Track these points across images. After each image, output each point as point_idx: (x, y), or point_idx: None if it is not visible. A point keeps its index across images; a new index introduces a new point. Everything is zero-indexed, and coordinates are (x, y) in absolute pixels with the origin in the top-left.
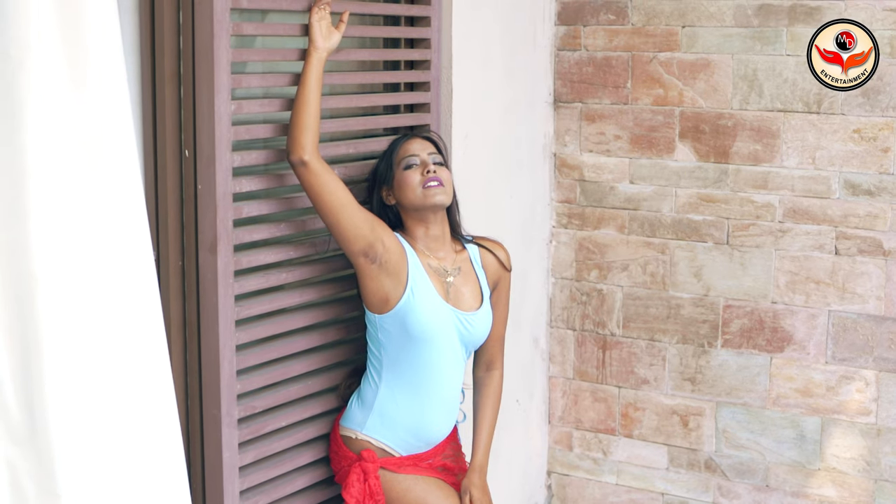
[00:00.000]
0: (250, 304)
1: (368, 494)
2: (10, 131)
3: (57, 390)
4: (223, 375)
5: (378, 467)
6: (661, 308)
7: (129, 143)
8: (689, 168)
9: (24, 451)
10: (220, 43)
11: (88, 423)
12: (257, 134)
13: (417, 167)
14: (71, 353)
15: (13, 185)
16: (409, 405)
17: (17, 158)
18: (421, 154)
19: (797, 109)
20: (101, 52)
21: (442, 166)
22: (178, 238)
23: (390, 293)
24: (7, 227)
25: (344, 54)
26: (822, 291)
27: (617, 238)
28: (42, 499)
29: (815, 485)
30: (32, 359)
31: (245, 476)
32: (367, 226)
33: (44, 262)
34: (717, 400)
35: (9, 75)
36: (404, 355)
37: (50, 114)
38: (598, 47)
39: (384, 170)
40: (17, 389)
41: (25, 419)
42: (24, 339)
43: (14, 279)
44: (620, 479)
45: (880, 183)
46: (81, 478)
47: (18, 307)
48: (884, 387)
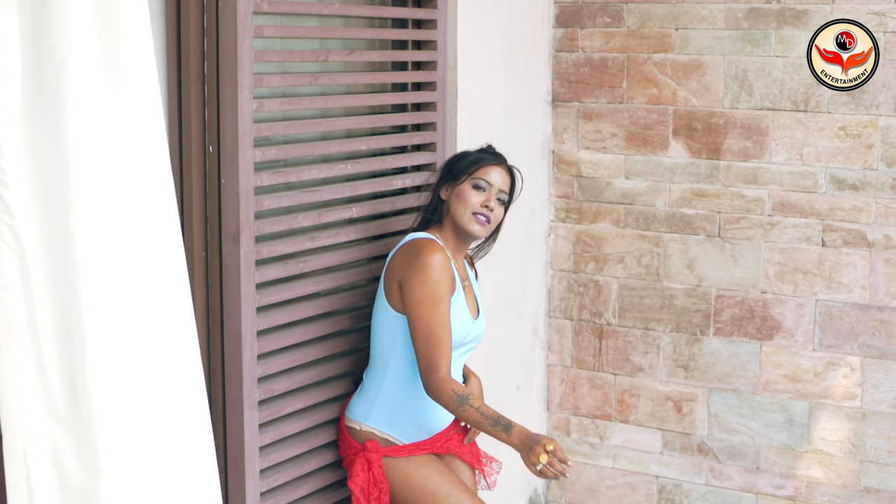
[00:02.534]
0: (270, 293)
1: (373, 483)
2: (54, 127)
3: (98, 373)
4: (245, 360)
5: (381, 456)
6: (655, 298)
7: (161, 139)
8: (682, 164)
9: (67, 430)
10: (243, 45)
11: (127, 404)
12: (277, 131)
13: (482, 193)
14: (111, 338)
15: (58, 179)
16: (413, 399)
17: (61, 154)
18: (493, 186)
19: (785, 108)
20: (134, 54)
21: (501, 204)
22: (202, 229)
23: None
24: (53, 218)
25: (356, 55)
26: (809, 281)
27: (613, 231)
28: (84, 474)
29: (803, 466)
30: (75, 344)
31: (265, 455)
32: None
33: (86, 251)
34: (709, 386)
35: (53, 74)
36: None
37: (89, 111)
38: (594, 49)
39: (458, 171)
40: (60, 372)
41: (68, 400)
42: (67, 324)
43: (59, 268)
44: (617, 462)
45: (864, 178)
46: (121, 454)
47: (62, 294)
48: (868, 372)
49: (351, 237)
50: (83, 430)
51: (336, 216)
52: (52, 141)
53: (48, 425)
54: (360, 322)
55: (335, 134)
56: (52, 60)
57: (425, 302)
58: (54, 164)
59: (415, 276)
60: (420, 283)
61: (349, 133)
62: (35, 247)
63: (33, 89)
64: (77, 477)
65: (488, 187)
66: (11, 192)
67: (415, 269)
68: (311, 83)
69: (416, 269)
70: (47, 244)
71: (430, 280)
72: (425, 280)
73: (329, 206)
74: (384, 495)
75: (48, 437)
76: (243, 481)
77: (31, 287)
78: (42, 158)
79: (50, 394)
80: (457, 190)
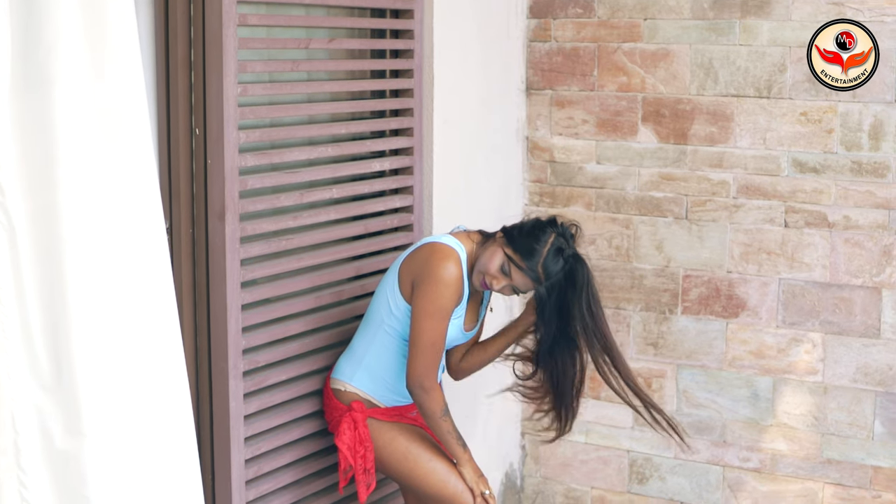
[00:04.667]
0: (254, 268)
1: (359, 441)
2: (41, 109)
3: (81, 343)
4: (230, 332)
5: (367, 417)
6: (625, 279)
7: (144, 121)
8: (651, 149)
9: (52, 397)
10: (228, 32)
11: (108, 372)
12: (261, 115)
13: (498, 280)
14: (94, 310)
15: (45, 158)
16: (396, 367)
17: (48, 134)
18: (512, 281)
19: (749, 94)
20: (120, 38)
21: (510, 290)
22: (189, 208)
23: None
24: (39, 194)
25: (336, 43)
26: (772, 261)
27: (585, 214)
28: (68, 438)
29: (767, 439)
30: (60, 315)
31: (249, 424)
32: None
33: (71, 227)
34: (677, 363)
35: (41, 58)
36: (404, 330)
37: (74, 94)
38: (566, 39)
39: (514, 246)
40: (46, 342)
41: (53, 368)
42: (53, 297)
43: (45, 242)
44: (589, 438)
45: (825, 161)
46: (103, 419)
47: (48, 268)
48: (829, 348)
49: (332, 217)
50: (67, 397)
51: (317, 196)
52: (39, 122)
53: (34, 392)
54: (339, 298)
55: (317, 118)
56: (40, 45)
57: (434, 314)
58: (42, 144)
59: (428, 285)
60: (433, 296)
61: (331, 118)
62: (23, 222)
63: (23, 72)
64: (61, 440)
65: (507, 278)
66: (2, 171)
67: (430, 279)
68: (293, 69)
69: (431, 280)
70: (35, 220)
71: (442, 296)
72: (438, 294)
73: (311, 187)
74: (369, 453)
75: (34, 402)
76: (228, 448)
77: (19, 261)
78: (30, 138)
79: (36, 362)
80: (491, 252)
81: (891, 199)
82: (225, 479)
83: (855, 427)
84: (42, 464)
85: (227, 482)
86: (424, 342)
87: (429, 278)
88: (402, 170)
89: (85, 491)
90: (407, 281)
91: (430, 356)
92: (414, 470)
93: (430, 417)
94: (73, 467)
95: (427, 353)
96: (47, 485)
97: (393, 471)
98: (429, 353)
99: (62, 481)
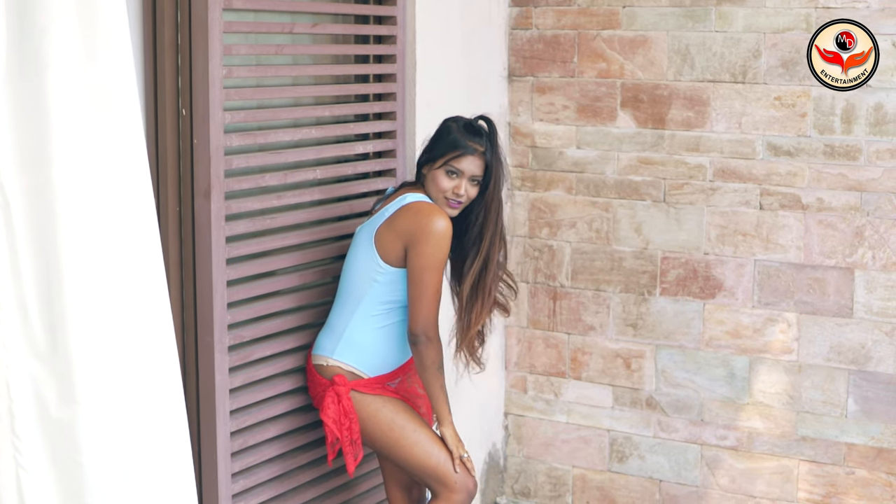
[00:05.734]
0: (239, 245)
1: (343, 413)
2: (36, 89)
3: (74, 313)
4: (216, 307)
5: (349, 389)
6: (605, 261)
7: (134, 102)
8: (630, 134)
9: (47, 365)
10: (214, 16)
11: (101, 343)
12: (246, 97)
13: (455, 180)
14: (87, 283)
15: (39, 137)
16: (376, 333)
17: (42, 114)
18: (466, 172)
19: (725, 80)
20: (110, 23)
21: (475, 184)
22: (176, 186)
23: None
24: (33, 171)
25: (320, 28)
26: (748, 243)
27: (565, 198)
28: (62, 406)
29: (744, 418)
30: (53, 285)
31: (235, 397)
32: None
33: (64, 202)
34: (656, 343)
35: (36, 41)
36: (387, 297)
37: (67, 75)
38: (547, 26)
39: (435, 155)
40: (40, 312)
41: (47, 337)
42: (47, 268)
43: (39, 217)
44: (570, 417)
45: (799, 145)
46: (95, 387)
47: (43, 241)
48: (804, 328)
49: (315, 197)
50: (61, 366)
51: (301, 177)
52: (33, 102)
53: (29, 360)
54: (323, 277)
55: (302, 101)
56: (34, 28)
57: (436, 267)
58: (36, 123)
59: (426, 242)
60: (432, 250)
61: (315, 101)
62: (18, 197)
63: (18, 55)
64: (55, 408)
65: (460, 175)
66: None
67: (426, 236)
68: (277, 52)
69: (427, 236)
70: (29, 195)
71: (440, 249)
72: (437, 248)
73: (295, 168)
74: (354, 425)
75: (29, 371)
76: (214, 420)
77: (14, 235)
78: (25, 118)
79: (31, 332)
80: (433, 174)
81: (863, 181)
82: (211, 451)
83: (829, 405)
84: (37, 431)
85: (213, 454)
86: (429, 295)
87: (425, 235)
88: (385, 153)
89: (78, 457)
90: (394, 247)
91: (434, 306)
92: (398, 440)
93: (427, 368)
94: (66, 434)
95: (432, 303)
96: (42, 451)
97: (377, 442)
98: (433, 303)
99: (56, 448)
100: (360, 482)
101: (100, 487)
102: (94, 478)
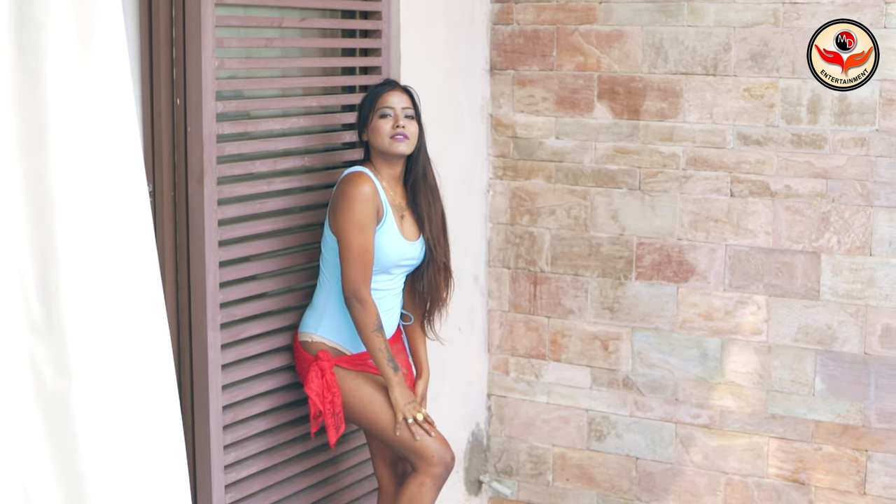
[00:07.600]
0: (231, 229)
1: (326, 387)
2: (34, 80)
3: (69, 290)
4: (209, 287)
5: (333, 365)
6: (583, 247)
7: (128, 93)
8: (606, 124)
9: (43, 340)
10: (207, 10)
11: (95, 317)
12: (237, 86)
13: (390, 118)
14: (82, 262)
15: (37, 125)
16: None
17: (40, 103)
18: (396, 107)
19: (696, 72)
20: (106, 17)
21: (412, 119)
22: (171, 172)
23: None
24: (32, 156)
25: (308, 22)
26: (719, 228)
27: (545, 187)
28: (57, 378)
29: (716, 397)
30: (49, 264)
31: (227, 373)
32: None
33: (60, 186)
34: (632, 326)
35: (34, 34)
36: None
37: (64, 67)
38: (527, 21)
39: (364, 113)
40: (37, 288)
41: (44, 313)
42: (44, 247)
43: (37, 199)
44: (550, 398)
45: (767, 134)
46: (89, 359)
47: (40, 223)
48: (773, 310)
49: (303, 183)
50: (56, 340)
51: (290, 164)
52: (31, 92)
53: (26, 335)
54: (310, 260)
55: (290, 91)
56: (33, 23)
57: (351, 228)
58: (34, 112)
59: (342, 205)
60: (346, 212)
61: (304, 91)
62: (17, 181)
63: (17, 48)
64: (51, 380)
65: (392, 111)
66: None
67: (342, 200)
68: (267, 45)
69: (343, 200)
70: (27, 179)
71: (355, 210)
72: (351, 209)
73: (284, 156)
74: (337, 399)
75: (26, 345)
76: (207, 394)
77: (12, 217)
78: (23, 107)
79: (28, 308)
80: (371, 127)
81: (828, 169)
82: (204, 424)
83: (797, 384)
84: (33, 401)
85: (205, 426)
86: (351, 254)
87: (342, 199)
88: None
89: (72, 427)
90: (331, 217)
91: (358, 267)
92: (378, 415)
93: (362, 331)
94: (61, 405)
95: (355, 263)
96: (38, 421)
97: (359, 417)
98: (357, 263)
99: (51, 418)
100: (347, 457)
101: (92, 455)
102: (86, 446)
